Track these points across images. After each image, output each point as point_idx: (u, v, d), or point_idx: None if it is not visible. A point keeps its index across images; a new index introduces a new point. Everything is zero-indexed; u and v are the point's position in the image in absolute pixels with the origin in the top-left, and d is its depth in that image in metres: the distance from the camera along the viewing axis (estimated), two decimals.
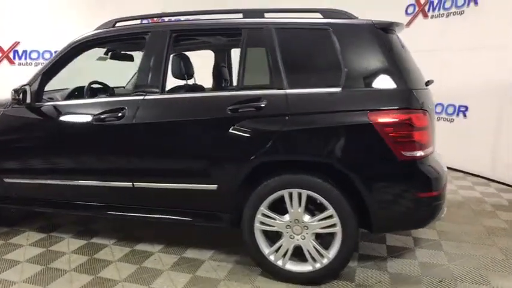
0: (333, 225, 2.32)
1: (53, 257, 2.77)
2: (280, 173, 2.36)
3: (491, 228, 3.24)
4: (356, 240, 2.36)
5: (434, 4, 5.25)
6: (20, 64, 6.02)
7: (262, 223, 2.43)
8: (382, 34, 2.34)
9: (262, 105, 2.35)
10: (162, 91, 2.59)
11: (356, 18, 2.48)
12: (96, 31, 2.82)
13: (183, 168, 2.56)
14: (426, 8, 5.36)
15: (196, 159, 2.52)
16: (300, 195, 2.33)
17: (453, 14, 5.02)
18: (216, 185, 2.47)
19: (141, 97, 2.59)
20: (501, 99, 4.41)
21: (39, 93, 2.81)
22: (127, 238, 3.05)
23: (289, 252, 2.42)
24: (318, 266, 2.38)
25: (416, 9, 5.45)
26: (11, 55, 6.05)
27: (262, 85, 2.49)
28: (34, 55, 6.11)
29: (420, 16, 5.41)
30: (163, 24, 2.72)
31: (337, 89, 2.30)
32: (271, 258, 2.45)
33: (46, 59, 5.89)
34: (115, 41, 2.91)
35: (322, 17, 2.50)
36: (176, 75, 2.85)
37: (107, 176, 2.69)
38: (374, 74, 2.30)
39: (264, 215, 2.42)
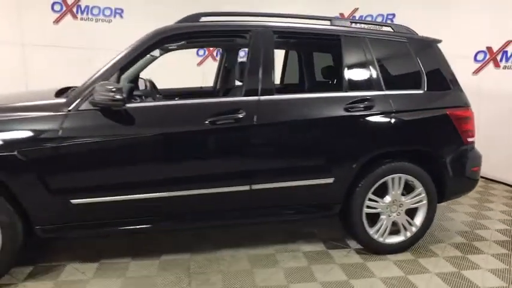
0: (421, 201, 2.89)
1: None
2: (385, 162, 2.78)
3: None
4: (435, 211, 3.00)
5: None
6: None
7: (368, 207, 2.81)
8: (437, 47, 3.02)
9: (373, 104, 2.71)
10: (274, 92, 2.60)
11: (416, 33, 3.08)
12: (188, 24, 2.55)
13: (302, 165, 2.65)
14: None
15: (316, 156, 2.66)
16: (399, 179, 2.81)
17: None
18: (332, 178, 2.69)
19: (256, 98, 2.54)
20: None
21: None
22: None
23: (388, 229, 2.87)
24: (408, 235, 2.92)
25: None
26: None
27: (365, 86, 2.81)
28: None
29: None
30: (263, 24, 2.68)
31: (421, 91, 2.87)
32: (375, 236, 2.85)
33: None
34: (206, 36, 2.68)
35: (392, 30, 3.01)
36: None
37: (221, 181, 2.51)
38: (440, 79, 2.96)
39: (370, 199, 2.80)
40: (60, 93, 2.71)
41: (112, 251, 2.82)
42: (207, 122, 2.42)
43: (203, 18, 2.63)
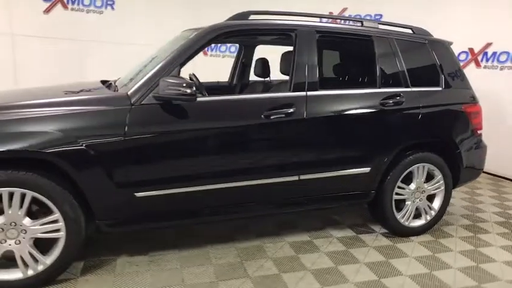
0: (439, 188, 3.20)
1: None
2: (412, 153, 3.04)
3: None
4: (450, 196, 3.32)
5: None
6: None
7: (397, 193, 3.07)
8: (450, 48, 3.34)
9: (403, 100, 2.96)
10: (318, 87, 2.76)
11: (431, 35, 3.37)
12: (242, 22, 2.64)
13: (344, 156, 2.84)
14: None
15: (355, 148, 2.87)
16: (423, 168, 3.10)
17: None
18: (369, 168, 2.91)
19: (304, 93, 2.69)
20: None
21: None
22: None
23: (413, 213, 3.16)
24: (428, 218, 3.22)
25: None
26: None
27: (395, 83, 3.04)
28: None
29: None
30: (307, 24, 2.82)
31: (439, 88, 3.17)
32: (401, 220, 3.12)
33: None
34: (256, 34, 2.77)
35: (412, 32, 3.28)
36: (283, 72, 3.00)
37: (273, 172, 2.64)
38: (454, 77, 3.28)
39: (399, 187, 3.06)
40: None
41: (155, 244, 2.86)
42: (262, 116, 2.54)
43: (251, 16, 2.74)
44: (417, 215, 3.22)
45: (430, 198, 3.23)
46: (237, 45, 6.84)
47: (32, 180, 2.13)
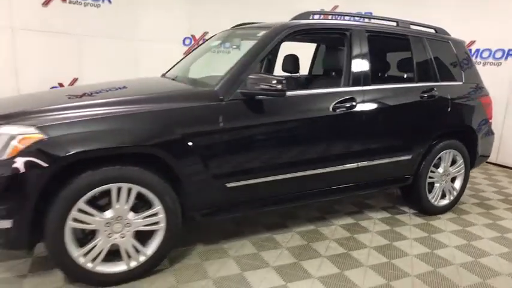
0: (461, 170, 3.64)
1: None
2: (443, 140, 3.43)
3: None
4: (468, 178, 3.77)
5: None
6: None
7: (430, 177, 3.46)
8: (466, 47, 3.78)
9: (437, 93, 3.34)
10: (370, 82, 3.04)
11: (450, 34, 3.78)
12: (307, 21, 2.85)
13: (393, 145, 3.16)
14: None
15: (402, 137, 3.21)
16: (450, 153, 3.52)
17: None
18: (411, 155, 3.26)
19: (361, 88, 2.96)
20: None
21: None
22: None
23: (440, 194, 3.57)
24: (451, 198, 3.66)
25: None
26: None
27: (428, 78, 3.39)
28: None
29: None
30: (358, 24, 3.08)
31: (461, 83, 3.59)
32: (431, 201, 3.52)
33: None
34: (319, 32, 2.97)
35: (435, 31, 3.67)
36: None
37: (340, 160, 2.90)
38: (470, 73, 3.72)
39: (431, 171, 3.45)
40: None
41: (218, 235, 3.00)
42: (330, 109, 2.78)
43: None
44: (442, 196, 3.63)
45: (452, 180, 3.67)
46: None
47: (138, 175, 2.20)
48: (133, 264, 2.30)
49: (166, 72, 3.59)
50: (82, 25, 5.63)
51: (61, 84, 5.48)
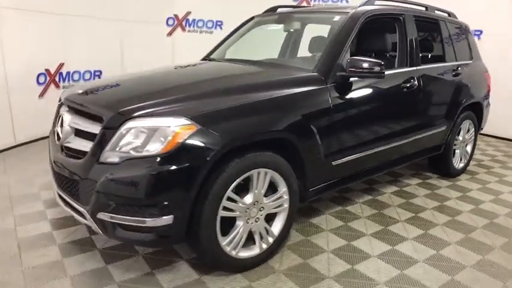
0: (472, 138, 4.22)
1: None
2: (463, 112, 3.93)
3: None
4: (476, 143, 4.37)
5: None
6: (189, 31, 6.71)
7: (455, 144, 3.97)
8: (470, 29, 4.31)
9: (461, 71, 3.80)
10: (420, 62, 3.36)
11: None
12: (379, 6, 3.06)
13: (437, 118, 3.59)
14: None
15: (444, 109, 3.65)
16: (468, 124, 4.06)
17: None
18: (445, 126, 3.70)
19: (417, 67, 3.27)
20: None
21: None
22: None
23: (459, 158, 4.11)
24: (465, 161, 4.23)
25: None
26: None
27: (451, 58, 3.82)
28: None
29: None
30: (407, 9, 3.35)
31: (471, 61, 4.12)
32: (455, 164, 4.05)
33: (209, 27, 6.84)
34: (385, 17, 3.14)
35: (449, 15, 4.11)
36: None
37: (405, 134, 3.23)
38: (475, 53, 4.26)
39: (456, 139, 3.96)
40: None
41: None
42: (401, 87, 3.07)
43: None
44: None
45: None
46: (215, 21, 6.90)
47: (273, 160, 2.26)
48: (264, 246, 2.37)
49: (209, 54, 3.59)
50: (66, 5, 5.07)
51: (48, 71, 4.96)
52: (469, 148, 4.25)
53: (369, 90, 2.84)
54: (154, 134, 1.93)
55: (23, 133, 4.69)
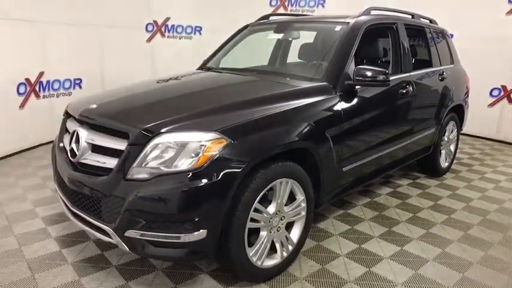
0: (455, 136, 4.47)
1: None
2: (447, 114, 4.14)
3: None
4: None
5: None
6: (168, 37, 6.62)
7: (441, 145, 4.18)
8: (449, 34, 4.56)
9: (445, 75, 4.02)
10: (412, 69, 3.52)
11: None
12: (375, 16, 3.17)
13: (429, 119, 3.78)
14: None
15: (435, 112, 3.84)
16: (452, 124, 4.30)
17: None
18: (435, 127, 3.90)
19: (410, 73, 3.42)
20: None
21: None
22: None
23: (445, 158, 4.34)
24: (450, 160, 4.47)
25: None
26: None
27: (437, 63, 4.02)
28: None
29: None
30: (399, 18, 3.49)
31: (452, 66, 4.36)
32: (442, 164, 4.27)
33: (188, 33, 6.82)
34: (381, 26, 3.25)
35: (430, 22, 4.33)
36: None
37: (404, 137, 3.39)
38: (454, 57, 4.50)
39: (442, 140, 4.18)
40: None
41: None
42: (399, 92, 3.22)
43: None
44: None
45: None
46: (194, 26, 6.85)
47: (294, 170, 2.30)
48: (284, 254, 2.41)
49: (205, 63, 3.59)
50: (46, 13, 4.87)
51: (28, 80, 4.73)
52: (452, 148, 4.49)
53: (372, 97, 2.93)
54: (184, 149, 1.92)
55: (3, 147, 4.46)
